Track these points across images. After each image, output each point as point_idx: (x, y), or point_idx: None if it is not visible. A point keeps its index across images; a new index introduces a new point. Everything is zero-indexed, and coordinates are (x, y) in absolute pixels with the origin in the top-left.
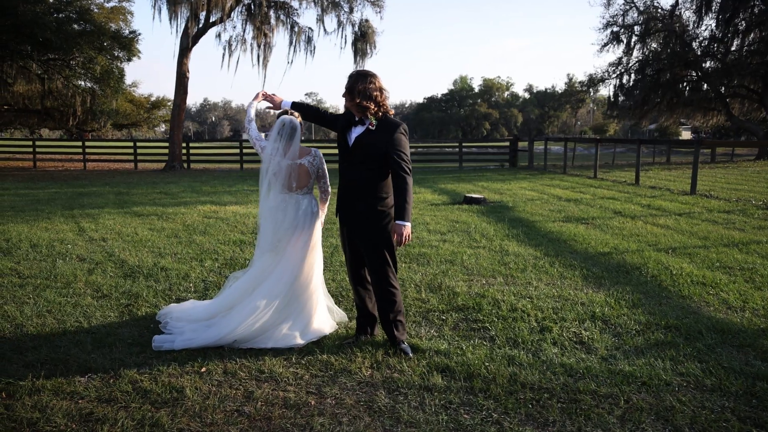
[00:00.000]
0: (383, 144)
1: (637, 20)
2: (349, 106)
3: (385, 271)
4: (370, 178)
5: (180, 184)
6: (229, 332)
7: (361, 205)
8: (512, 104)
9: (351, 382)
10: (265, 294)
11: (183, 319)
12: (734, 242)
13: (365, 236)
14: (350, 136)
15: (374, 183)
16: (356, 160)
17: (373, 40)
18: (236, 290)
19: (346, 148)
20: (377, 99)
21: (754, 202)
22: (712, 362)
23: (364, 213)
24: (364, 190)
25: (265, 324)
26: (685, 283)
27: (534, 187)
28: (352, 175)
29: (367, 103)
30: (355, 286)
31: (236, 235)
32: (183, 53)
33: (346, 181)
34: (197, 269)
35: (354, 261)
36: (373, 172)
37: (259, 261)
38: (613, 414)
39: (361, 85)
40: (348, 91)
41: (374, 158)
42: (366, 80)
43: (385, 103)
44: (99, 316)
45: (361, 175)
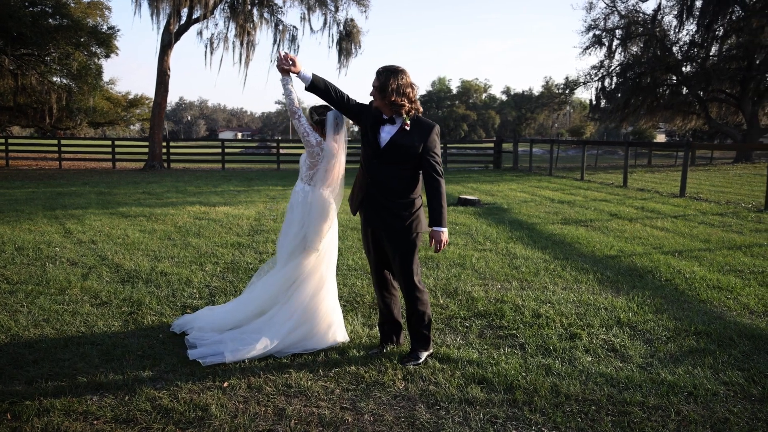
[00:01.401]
0: (419, 145)
1: (618, 24)
2: (380, 105)
3: (411, 275)
4: (401, 178)
5: (162, 184)
6: (278, 344)
7: (392, 205)
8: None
9: (386, 396)
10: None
11: (207, 329)
12: (736, 245)
13: (394, 238)
14: (381, 136)
15: (405, 184)
16: (388, 160)
17: (358, 40)
18: (266, 292)
19: (377, 148)
20: (410, 95)
21: (743, 205)
22: (753, 370)
23: (394, 214)
24: (395, 190)
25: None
26: (702, 287)
27: (524, 189)
28: (381, 175)
29: (401, 100)
30: (380, 291)
31: (232, 237)
32: (164, 50)
33: (375, 180)
34: (198, 274)
35: (379, 265)
36: (405, 172)
37: (295, 260)
38: (666, 427)
39: (394, 83)
40: (379, 89)
41: (408, 159)
42: (398, 76)
43: (417, 99)
44: (102, 326)
45: (393, 176)
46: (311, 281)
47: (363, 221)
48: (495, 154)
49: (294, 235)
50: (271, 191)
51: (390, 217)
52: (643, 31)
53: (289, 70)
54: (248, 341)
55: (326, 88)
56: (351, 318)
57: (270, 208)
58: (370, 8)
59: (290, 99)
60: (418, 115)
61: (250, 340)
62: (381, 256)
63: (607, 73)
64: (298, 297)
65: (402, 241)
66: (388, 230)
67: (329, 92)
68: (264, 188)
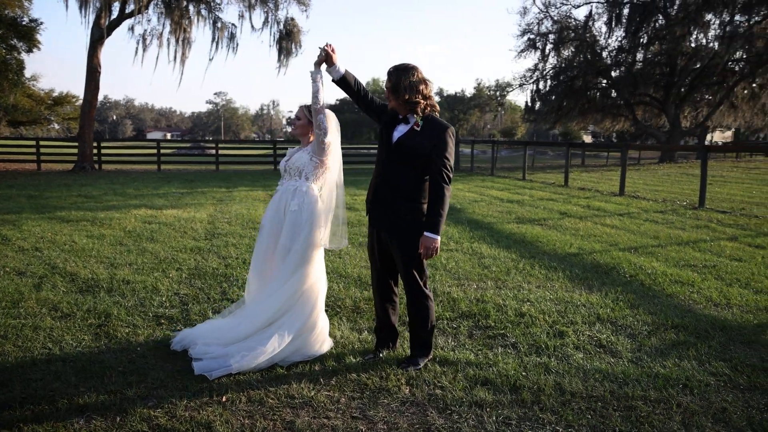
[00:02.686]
0: (428, 146)
1: (551, 29)
2: (395, 105)
3: (417, 281)
4: (410, 179)
5: (98, 186)
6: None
7: (400, 207)
8: None
9: (394, 403)
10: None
11: (212, 343)
12: (683, 241)
13: (400, 240)
14: (393, 135)
15: (414, 185)
16: (397, 160)
17: (298, 39)
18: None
19: (388, 147)
20: (424, 92)
21: (679, 202)
22: (735, 360)
23: (401, 216)
24: (403, 191)
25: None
26: (665, 282)
27: (470, 189)
28: (390, 174)
29: (415, 97)
30: (380, 296)
31: (190, 241)
32: (94, 46)
33: (383, 180)
34: (164, 281)
35: (382, 270)
36: (415, 174)
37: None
38: (673, 420)
39: (406, 80)
40: (392, 90)
41: (417, 161)
42: (409, 73)
43: (432, 96)
44: (70, 341)
45: (402, 176)
46: (314, 288)
47: (370, 222)
48: None
49: (305, 238)
50: (216, 193)
51: (397, 219)
52: (575, 36)
53: (329, 59)
54: (253, 347)
55: (355, 84)
56: (337, 323)
57: (221, 210)
58: (311, 7)
59: (319, 95)
60: (433, 115)
61: (256, 346)
62: (385, 261)
63: (542, 76)
64: (305, 304)
65: (408, 244)
66: (393, 232)
67: (358, 89)
68: (208, 190)
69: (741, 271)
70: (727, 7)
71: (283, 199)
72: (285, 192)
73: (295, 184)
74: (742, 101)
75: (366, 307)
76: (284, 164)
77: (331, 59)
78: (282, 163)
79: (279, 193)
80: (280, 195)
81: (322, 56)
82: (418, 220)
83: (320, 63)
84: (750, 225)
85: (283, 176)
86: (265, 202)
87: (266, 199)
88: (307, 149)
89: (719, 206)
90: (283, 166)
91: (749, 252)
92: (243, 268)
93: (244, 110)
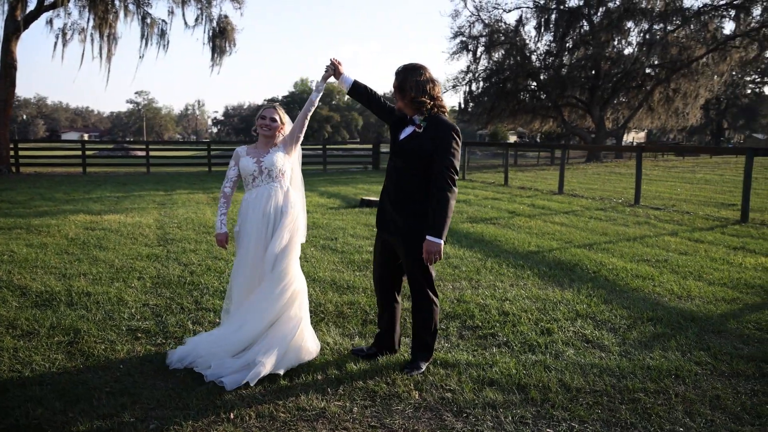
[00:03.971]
0: (431, 148)
1: (482, 32)
2: (402, 105)
3: (422, 285)
4: (416, 181)
5: (21, 191)
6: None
7: (404, 212)
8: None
9: (408, 409)
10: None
11: (222, 355)
12: (630, 237)
13: (405, 243)
14: (399, 136)
15: (419, 187)
16: (400, 164)
17: (232, 38)
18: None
19: (393, 149)
20: (431, 91)
21: (616, 200)
22: (713, 350)
23: (404, 222)
24: (408, 194)
25: None
26: (627, 277)
27: None
28: (396, 176)
29: (422, 97)
30: (382, 301)
31: (143, 248)
32: (9, 40)
33: (390, 184)
34: (128, 291)
35: (387, 272)
36: (418, 178)
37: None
38: (677, 409)
39: (412, 79)
40: (398, 89)
41: (419, 163)
42: (416, 73)
43: (440, 96)
44: (41, 361)
45: (404, 180)
46: (304, 286)
47: (377, 225)
48: (374, 155)
49: (296, 238)
50: (154, 197)
51: (401, 221)
52: (505, 39)
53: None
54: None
55: (366, 91)
56: (325, 329)
57: (167, 215)
58: (245, 5)
59: (317, 102)
60: (439, 115)
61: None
62: (390, 265)
63: (474, 78)
64: (302, 303)
65: (413, 248)
66: (398, 235)
67: (368, 95)
68: (145, 194)
69: (691, 264)
70: (645, 16)
71: (268, 202)
72: (267, 194)
73: (274, 185)
74: (658, 104)
75: (349, 311)
76: (256, 166)
77: (339, 72)
78: (251, 165)
79: (258, 196)
80: (264, 198)
81: (330, 71)
82: (423, 224)
83: (327, 77)
84: (684, 221)
85: (257, 178)
86: (210, 206)
87: (210, 202)
88: (279, 148)
89: (652, 203)
90: (254, 167)
91: (692, 246)
92: (209, 275)
93: (167, 110)
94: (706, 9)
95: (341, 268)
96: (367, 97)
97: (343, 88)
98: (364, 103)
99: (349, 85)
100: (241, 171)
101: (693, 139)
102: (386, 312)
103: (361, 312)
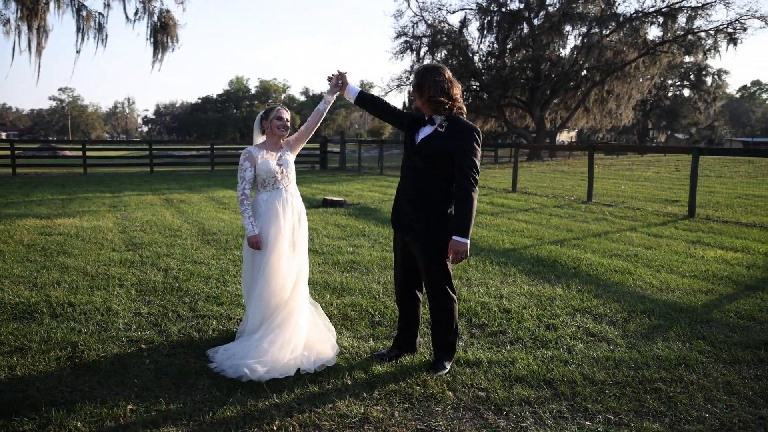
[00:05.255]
0: (452, 148)
1: (426, 33)
2: (420, 105)
3: (441, 284)
4: (433, 184)
5: None
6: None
7: (421, 213)
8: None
9: (448, 410)
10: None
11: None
12: (595, 233)
13: (422, 244)
14: (417, 137)
15: (437, 188)
16: (419, 164)
17: (174, 33)
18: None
19: (411, 149)
20: (449, 92)
21: (568, 197)
22: (709, 338)
23: (423, 222)
24: (426, 196)
25: None
26: (607, 272)
27: (371, 188)
28: (413, 178)
29: (440, 97)
30: (404, 301)
31: (112, 253)
32: None
33: (406, 184)
34: (114, 300)
35: (407, 274)
36: (437, 178)
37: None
38: (697, 396)
39: (431, 79)
40: (417, 87)
41: (440, 163)
42: (435, 72)
43: (458, 96)
44: (45, 379)
45: (424, 180)
46: None
47: (394, 227)
48: (321, 155)
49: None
50: (102, 199)
51: (418, 222)
52: (448, 40)
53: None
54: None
55: (371, 100)
56: (337, 332)
57: (125, 218)
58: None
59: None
60: (459, 116)
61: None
62: (410, 267)
63: None
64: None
65: (432, 248)
66: (416, 236)
67: (374, 103)
68: (91, 195)
69: (658, 258)
70: (583, 21)
71: (295, 203)
72: (292, 195)
73: (293, 185)
74: (593, 105)
75: (353, 314)
76: (278, 167)
77: (345, 83)
78: (273, 166)
79: (285, 197)
80: (291, 199)
81: (334, 84)
82: (441, 224)
83: (336, 90)
84: (637, 216)
85: (279, 180)
86: (166, 208)
87: (164, 204)
88: (287, 149)
89: (603, 200)
90: (276, 168)
91: (654, 241)
92: (195, 280)
93: (94, 108)
94: (637, 15)
95: (328, 270)
96: (372, 105)
97: (350, 99)
98: (371, 111)
99: (355, 95)
100: (261, 172)
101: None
102: (408, 312)
103: (366, 314)
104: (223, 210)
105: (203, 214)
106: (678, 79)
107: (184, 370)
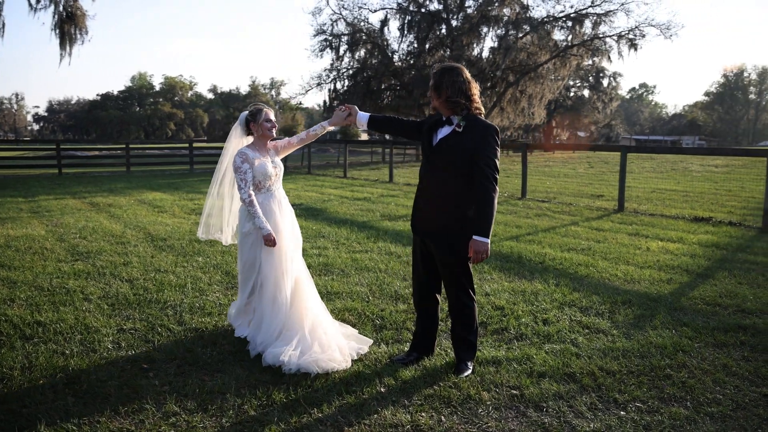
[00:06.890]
0: (471, 148)
1: (345, 31)
2: (437, 105)
3: (463, 285)
4: (453, 185)
5: None
6: None
7: (441, 214)
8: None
9: (492, 410)
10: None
11: None
12: (543, 229)
13: (445, 246)
14: (435, 137)
15: (457, 191)
16: (439, 164)
17: (83, 24)
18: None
19: (429, 150)
20: (467, 92)
21: (504, 194)
22: (690, 325)
23: (443, 223)
24: (446, 198)
25: None
26: (571, 266)
27: (305, 188)
28: (432, 180)
29: (457, 97)
30: (423, 304)
31: (59, 264)
32: None
33: (425, 186)
34: (86, 316)
35: (427, 277)
36: (457, 179)
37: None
38: (704, 380)
39: (449, 79)
40: (434, 87)
41: (459, 163)
42: (453, 72)
43: (476, 97)
44: (48, 412)
45: (443, 181)
46: None
47: (413, 230)
48: None
49: None
50: (17, 204)
51: (440, 222)
52: (367, 39)
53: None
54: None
55: (381, 121)
56: None
57: (56, 224)
58: None
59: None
60: (476, 116)
61: None
62: (430, 269)
63: (339, 76)
64: None
65: (452, 249)
66: (436, 237)
67: (383, 124)
68: (2, 200)
69: (612, 251)
70: (498, 23)
71: (288, 206)
72: (284, 198)
73: (282, 189)
74: (507, 104)
75: (353, 318)
76: (273, 169)
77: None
78: (269, 168)
79: (281, 197)
80: (285, 199)
81: (342, 118)
82: (460, 225)
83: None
84: (573, 211)
85: (273, 182)
86: (97, 212)
87: (91, 208)
88: (273, 152)
89: (536, 196)
90: (272, 170)
91: (599, 235)
92: (169, 290)
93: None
94: (548, 20)
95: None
96: (388, 126)
97: (361, 126)
98: (387, 131)
99: (366, 120)
100: (258, 174)
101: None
102: (428, 315)
103: (366, 319)
104: (162, 214)
105: (142, 218)
106: (579, 80)
107: (204, 390)
